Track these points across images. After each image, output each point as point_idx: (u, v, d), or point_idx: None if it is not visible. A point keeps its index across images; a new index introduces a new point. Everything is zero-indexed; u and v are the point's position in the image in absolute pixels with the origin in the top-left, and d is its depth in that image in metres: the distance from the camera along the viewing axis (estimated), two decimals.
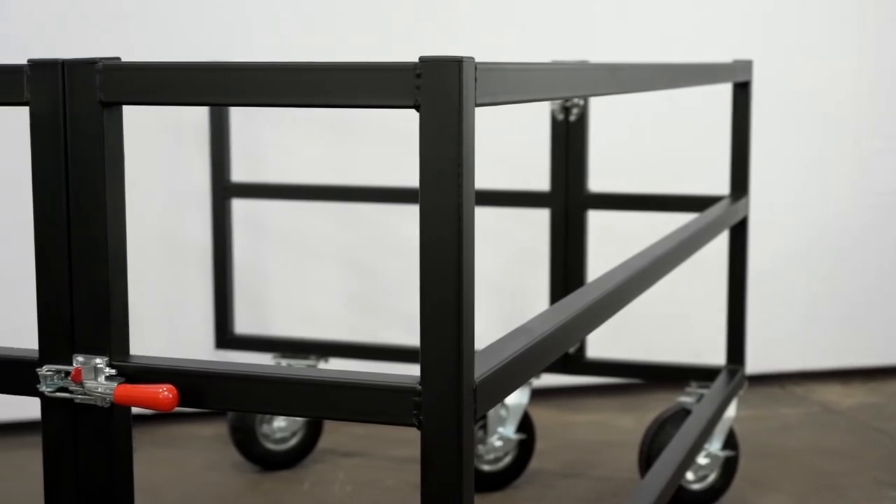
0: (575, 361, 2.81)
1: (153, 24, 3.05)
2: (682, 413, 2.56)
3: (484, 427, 2.67)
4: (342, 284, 3.28)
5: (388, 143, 3.19)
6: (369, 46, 3.16)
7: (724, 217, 2.44)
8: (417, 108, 1.16)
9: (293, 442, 2.85)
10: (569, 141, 2.74)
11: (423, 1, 3.20)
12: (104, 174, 1.27)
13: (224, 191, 2.89)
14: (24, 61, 1.29)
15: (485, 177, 1.38)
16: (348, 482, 2.76)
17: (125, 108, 1.30)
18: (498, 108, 1.31)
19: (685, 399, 2.60)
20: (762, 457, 2.92)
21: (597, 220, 2.97)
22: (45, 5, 2.98)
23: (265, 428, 2.81)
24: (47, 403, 1.32)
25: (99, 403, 1.29)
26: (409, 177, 2.75)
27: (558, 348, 1.53)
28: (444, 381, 1.18)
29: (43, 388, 1.31)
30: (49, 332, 1.32)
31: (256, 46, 3.11)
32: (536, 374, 1.52)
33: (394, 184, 2.92)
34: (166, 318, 3.14)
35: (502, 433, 2.67)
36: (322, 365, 2.86)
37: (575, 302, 1.64)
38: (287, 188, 2.95)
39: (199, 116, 3.02)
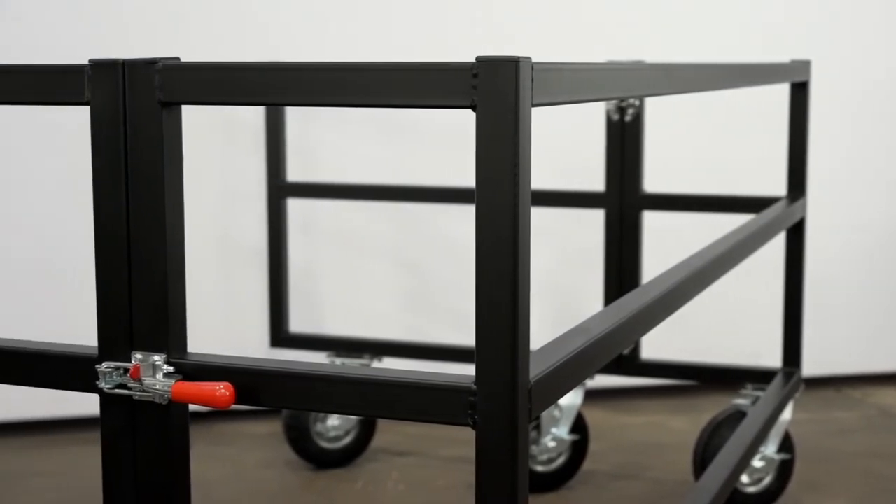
0: (629, 362, 2.80)
1: (211, 24, 3.08)
2: (738, 415, 2.54)
3: (537, 427, 2.67)
4: (396, 284, 3.29)
5: (443, 143, 3.19)
6: (408, 47, 3.16)
7: (781, 218, 2.42)
8: (474, 108, 1.16)
9: (347, 440, 2.86)
10: (624, 141, 2.73)
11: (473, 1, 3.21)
12: (163, 173, 1.28)
13: (279, 190, 2.90)
14: (85, 61, 1.31)
15: (540, 177, 1.38)
16: (401, 481, 2.77)
17: (183, 107, 1.31)
18: (553, 107, 1.31)
19: (740, 401, 2.58)
20: (818, 460, 2.89)
21: (652, 220, 2.95)
22: (105, 6, 3.01)
23: (319, 426, 2.83)
24: (106, 400, 1.34)
25: (157, 400, 1.31)
26: (463, 177, 2.76)
27: (613, 349, 1.52)
28: (500, 381, 1.18)
29: (102, 384, 1.33)
30: (108, 330, 1.33)
31: (306, 46, 3.13)
32: (591, 374, 1.51)
33: (448, 184, 2.92)
34: (222, 316, 3.17)
35: (556, 434, 2.67)
36: (375, 364, 2.87)
37: (631, 303, 1.63)
38: (342, 188, 2.96)
39: (254, 116, 3.04)
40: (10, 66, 1.36)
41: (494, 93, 1.14)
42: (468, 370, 1.22)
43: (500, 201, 1.15)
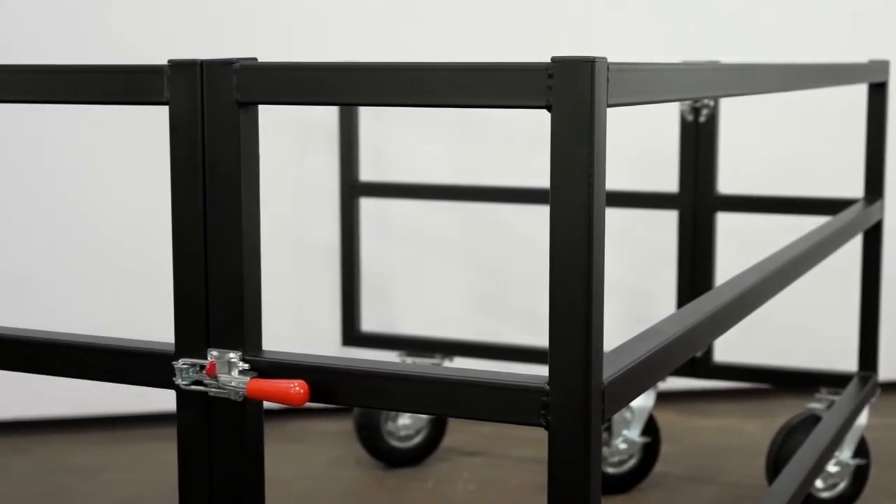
0: (702, 365, 2.77)
1: (286, 25, 3.10)
2: (812, 419, 2.52)
3: (608, 429, 2.66)
4: (467, 284, 3.29)
5: (515, 143, 3.19)
6: (483, 47, 3.16)
7: (858, 220, 2.39)
8: (549, 108, 1.15)
9: (417, 440, 2.87)
10: (698, 142, 2.71)
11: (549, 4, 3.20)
12: (240, 172, 1.30)
13: (352, 190, 2.92)
14: (164, 62, 1.33)
15: (613, 177, 1.37)
16: (471, 481, 2.77)
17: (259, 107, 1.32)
18: (627, 107, 1.30)
19: (815, 405, 2.55)
20: (894, 466, 2.85)
21: (726, 222, 2.93)
22: (183, 7, 3.05)
23: (390, 425, 2.84)
24: (182, 396, 1.36)
25: (232, 397, 1.32)
26: (535, 177, 2.76)
27: (687, 351, 1.51)
28: (573, 381, 1.17)
29: (178, 381, 1.34)
30: (185, 327, 1.35)
31: (376, 46, 3.14)
32: (664, 377, 1.50)
33: (519, 184, 2.92)
34: (294, 314, 3.19)
35: (627, 436, 2.66)
36: (446, 364, 2.87)
37: (704, 305, 1.62)
38: (414, 187, 2.97)
39: (328, 115, 3.06)
40: (90, 66, 1.38)
41: (570, 93, 1.14)
42: (539, 371, 1.22)
43: (575, 202, 1.15)
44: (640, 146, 3.18)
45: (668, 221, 2.99)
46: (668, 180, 2.88)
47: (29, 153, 3.06)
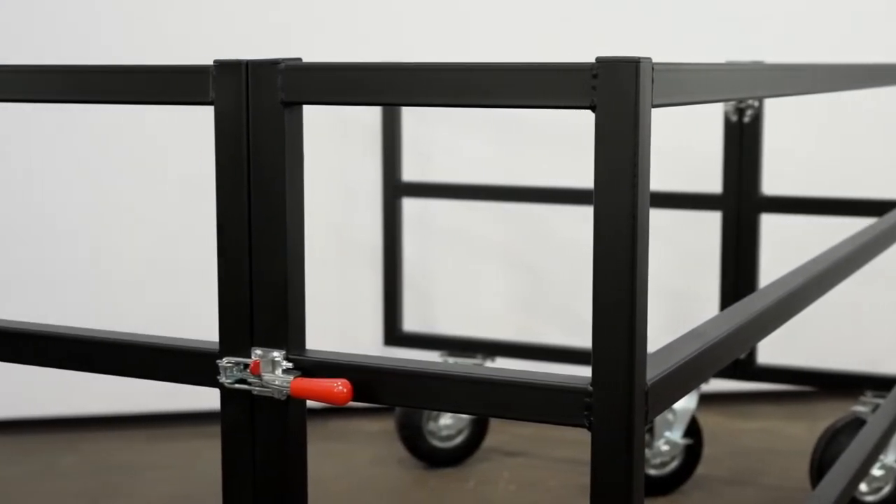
0: (745, 367, 2.76)
1: (331, 25, 3.11)
2: (857, 423, 2.50)
3: (651, 431, 2.65)
4: (508, 284, 3.29)
5: (557, 143, 3.19)
6: (525, 47, 3.16)
7: None
8: (593, 108, 1.15)
9: (459, 440, 2.87)
10: (742, 143, 2.70)
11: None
12: (284, 172, 1.30)
13: (395, 189, 2.93)
14: (209, 62, 1.33)
15: (657, 178, 1.37)
16: (512, 481, 2.77)
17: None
18: (671, 108, 1.30)
19: (860, 408, 2.54)
20: None
21: (770, 223, 2.91)
22: (228, 7, 3.07)
23: (432, 425, 2.84)
24: (226, 394, 1.36)
25: (276, 396, 1.32)
26: (577, 177, 2.75)
27: (730, 353, 1.50)
28: (616, 382, 1.17)
29: (223, 379, 1.35)
30: (229, 326, 1.35)
31: (417, 47, 3.14)
32: (707, 379, 1.50)
33: (560, 184, 2.91)
34: (337, 314, 3.20)
35: (669, 437, 2.65)
36: (488, 364, 2.87)
37: (748, 307, 1.61)
38: (456, 188, 2.97)
39: (371, 116, 3.07)
40: (136, 67, 1.39)
41: (614, 93, 1.14)
42: (580, 371, 1.21)
43: (619, 203, 1.15)
44: (684, 147, 3.16)
45: (711, 223, 2.97)
46: (711, 181, 2.86)
47: (78, 153, 3.09)
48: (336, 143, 3.16)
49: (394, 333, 2.95)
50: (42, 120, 3.03)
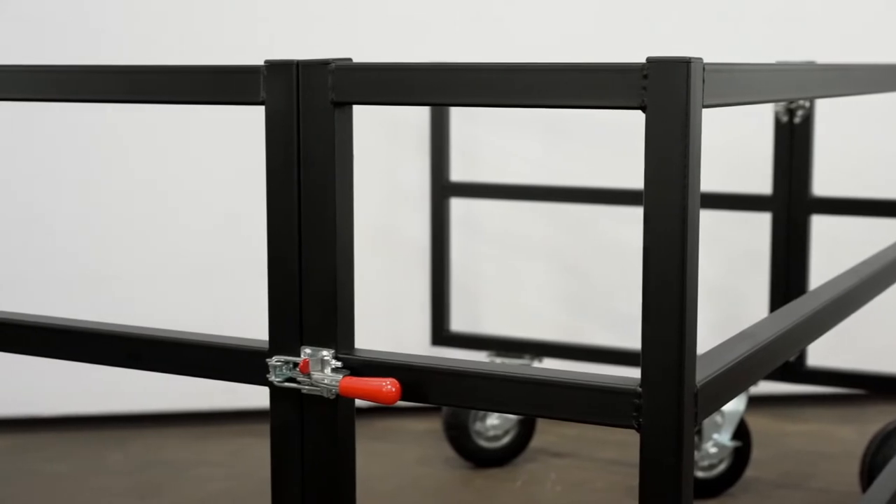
0: (795, 369, 2.74)
1: (381, 25, 3.12)
2: None
3: (699, 432, 2.63)
4: (555, 285, 3.29)
5: (605, 143, 3.18)
6: (572, 45, 3.15)
7: None
8: (643, 109, 1.15)
9: (506, 440, 2.87)
10: (793, 143, 2.68)
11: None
12: (334, 172, 1.31)
13: (443, 190, 2.93)
14: (261, 62, 1.34)
15: (706, 179, 1.36)
16: (559, 482, 2.76)
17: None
18: (720, 108, 1.29)
19: None
20: None
21: (821, 224, 2.88)
22: (279, 7, 3.08)
23: (479, 425, 2.84)
24: (276, 393, 1.37)
25: (325, 395, 1.33)
26: (624, 178, 2.74)
27: (780, 356, 1.49)
28: (666, 384, 1.17)
29: (272, 378, 1.36)
30: (279, 325, 1.36)
31: (472, 47, 3.14)
32: (757, 381, 1.49)
33: (608, 185, 2.90)
34: (384, 313, 3.21)
35: (717, 440, 2.63)
36: (535, 364, 2.87)
37: (798, 309, 1.60)
38: (504, 188, 2.97)
39: (419, 116, 3.07)
40: (188, 67, 1.40)
41: (665, 93, 1.13)
42: (627, 373, 1.21)
43: (669, 203, 1.14)
44: (734, 147, 3.15)
45: (761, 223, 2.95)
46: (761, 182, 2.84)
47: (128, 153, 3.11)
48: (384, 143, 3.17)
49: (441, 333, 2.96)
50: (88, 119, 3.05)
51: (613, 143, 3.16)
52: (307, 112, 1.31)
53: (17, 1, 3.05)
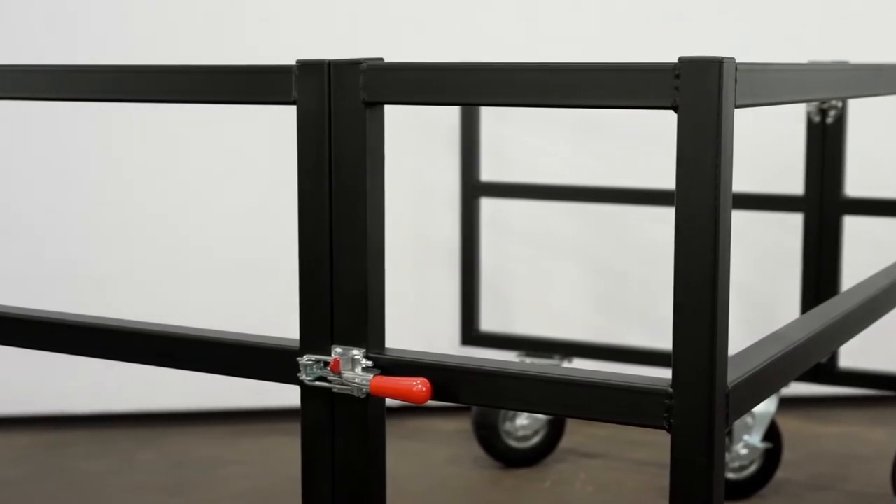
0: (826, 371, 2.72)
1: (412, 25, 3.12)
2: None
3: (729, 434, 2.62)
4: (586, 285, 3.28)
5: (636, 143, 3.17)
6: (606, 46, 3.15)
7: None
8: (676, 109, 1.14)
9: (535, 440, 2.87)
10: (825, 143, 2.66)
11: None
12: (365, 172, 1.31)
13: (473, 189, 2.93)
14: (292, 62, 1.35)
15: (738, 179, 1.35)
16: (589, 482, 2.76)
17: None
18: (752, 108, 1.28)
19: None
20: None
21: (853, 225, 2.87)
22: (310, 7, 3.09)
23: (508, 425, 2.84)
24: (306, 392, 1.37)
25: (355, 394, 1.33)
26: (656, 177, 2.73)
27: (812, 357, 1.49)
28: (697, 384, 1.16)
29: (303, 376, 1.36)
30: (310, 324, 1.36)
31: (502, 47, 3.14)
32: (788, 382, 1.48)
33: (639, 184, 2.90)
34: (414, 313, 3.21)
35: (748, 441, 2.62)
36: (565, 365, 2.87)
37: (830, 310, 1.59)
38: (534, 188, 2.97)
39: (449, 115, 3.07)
40: (220, 67, 1.41)
41: (697, 93, 1.13)
42: (658, 374, 1.21)
43: (701, 203, 1.14)
44: (766, 147, 3.13)
45: (793, 224, 2.94)
46: (793, 182, 2.83)
47: (161, 153, 3.13)
48: (414, 143, 3.17)
49: (471, 333, 2.96)
50: (121, 119, 3.07)
51: (644, 143, 3.15)
52: (338, 112, 1.31)
53: (52, 1, 3.07)
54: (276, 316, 2.36)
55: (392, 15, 3.13)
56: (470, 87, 1.24)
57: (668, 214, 2.90)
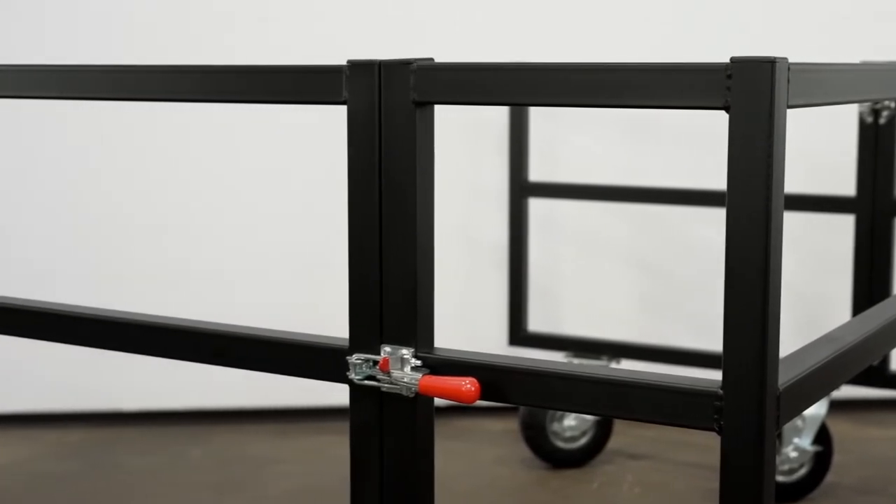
0: (878, 374, 2.69)
1: (460, 25, 3.13)
2: None
3: (779, 436, 2.60)
4: (634, 286, 3.27)
5: (685, 143, 3.15)
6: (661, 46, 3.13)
7: None
8: (727, 109, 1.14)
9: (583, 441, 2.86)
10: (878, 144, 2.64)
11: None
12: (415, 171, 1.31)
13: (521, 190, 2.93)
14: (343, 62, 1.35)
15: (788, 179, 1.35)
16: (636, 484, 2.75)
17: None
18: (804, 108, 1.28)
19: None
20: None
21: None
22: (360, 7, 3.10)
23: (556, 426, 2.84)
24: (356, 391, 1.38)
25: (404, 393, 1.34)
26: (704, 178, 2.72)
27: (864, 360, 1.48)
28: (748, 386, 1.16)
29: (352, 375, 1.37)
30: (359, 323, 1.37)
31: (544, 47, 3.14)
32: (839, 385, 1.47)
33: (689, 185, 2.88)
34: (462, 313, 3.21)
35: (798, 444, 2.60)
36: (613, 366, 2.86)
37: (882, 312, 1.58)
38: (583, 188, 2.96)
39: (498, 115, 3.07)
40: (271, 67, 1.42)
41: (749, 94, 1.12)
42: (707, 375, 1.20)
43: (753, 205, 1.13)
44: (817, 148, 3.11)
45: (844, 226, 2.91)
46: (845, 183, 2.81)
47: (216, 154, 3.15)
48: (463, 143, 3.17)
49: (518, 333, 2.96)
50: (170, 119, 3.10)
51: (695, 143, 3.13)
52: (389, 111, 1.32)
53: (104, 3, 3.10)
54: (325, 315, 2.37)
55: (441, 14, 3.13)
56: (520, 87, 1.24)
57: (716, 215, 2.89)
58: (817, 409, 2.59)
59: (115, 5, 3.10)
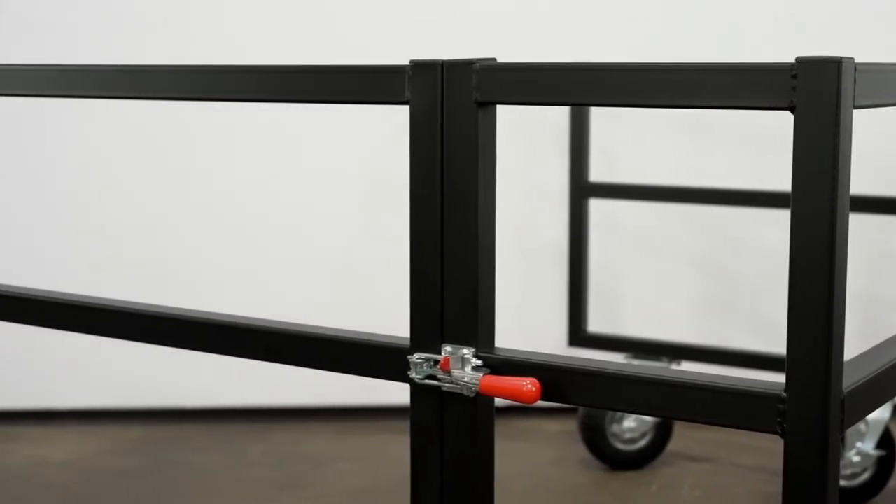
0: None
1: (524, 25, 3.12)
2: None
3: (842, 440, 2.57)
4: (695, 287, 3.25)
5: (748, 144, 3.13)
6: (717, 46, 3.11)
7: None
8: (792, 109, 1.13)
9: (642, 443, 2.85)
10: None
11: None
12: (477, 171, 1.31)
13: (582, 190, 2.92)
14: (405, 62, 1.36)
15: (854, 181, 1.33)
16: (696, 487, 2.73)
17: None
18: (870, 108, 1.26)
19: None
20: None
21: None
22: (424, 7, 3.11)
23: (615, 427, 2.82)
24: (416, 390, 1.38)
25: (465, 393, 1.34)
26: (768, 179, 2.70)
27: None
28: (812, 390, 1.15)
29: (413, 375, 1.37)
30: (420, 322, 1.37)
31: (607, 47, 3.13)
32: None
33: (750, 186, 2.86)
34: (521, 313, 3.21)
35: (861, 448, 2.57)
36: (674, 367, 2.84)
37: None
38: (644, 189, 2.95)
39: (559, 116, 3.07)
40: (334, 67, 1.42)
41: (815, 94, 1.11)
42: (767, 377, 1.19)
43: (818, 206, 1.12)
44: (882, 148, 3.07)
45: None
46: None
47: (274, 153, 3.17)
48: (524, 143, 3.17)
49: (578, 334, 2.95)
50: (225, 120, 3.12)
51: (758, 144, 3.11)
52: (451, 111, 1.32)
53: (160, 5, 3.13)
54: (387, 314, 2.38)
55: (503, 14, 3.13)
56: (582, 88, 1.24)
57: (779, 216, 2.86)
58: (881, 413, 2.56)
59: (171, 3, 3.13)
